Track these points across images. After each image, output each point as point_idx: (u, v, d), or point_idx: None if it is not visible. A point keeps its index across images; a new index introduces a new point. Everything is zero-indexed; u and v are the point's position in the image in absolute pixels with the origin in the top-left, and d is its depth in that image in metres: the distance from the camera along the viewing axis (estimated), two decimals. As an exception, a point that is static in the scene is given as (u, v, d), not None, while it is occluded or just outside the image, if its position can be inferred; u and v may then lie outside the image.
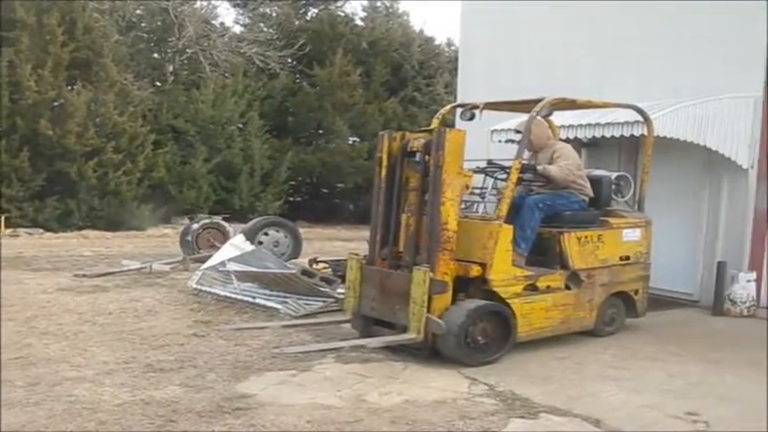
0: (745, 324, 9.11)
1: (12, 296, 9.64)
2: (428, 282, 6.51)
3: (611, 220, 8.12)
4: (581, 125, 9.24)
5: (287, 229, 13.48)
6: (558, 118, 9.52)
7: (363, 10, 29.19)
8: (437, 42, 29.83)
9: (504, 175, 7.77)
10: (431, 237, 6.75)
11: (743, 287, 9.46)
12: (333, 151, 25.59)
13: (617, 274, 8.05)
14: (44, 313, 8.63)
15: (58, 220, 20.00)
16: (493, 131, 10.45)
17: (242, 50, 25.87)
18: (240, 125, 24.38)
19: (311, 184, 27.61)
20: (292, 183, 25.92)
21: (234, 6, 28.57)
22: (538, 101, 7.43)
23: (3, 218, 18.76)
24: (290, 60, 26.79)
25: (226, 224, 14.19)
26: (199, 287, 9.95)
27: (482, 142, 10.33)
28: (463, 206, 11.14)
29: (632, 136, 8.94)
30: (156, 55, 27.03)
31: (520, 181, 7.57)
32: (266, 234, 13.01)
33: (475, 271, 6.92)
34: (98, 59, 21.20)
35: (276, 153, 24.80)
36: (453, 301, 6.81)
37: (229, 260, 9.89)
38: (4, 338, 7.36)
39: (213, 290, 9.76)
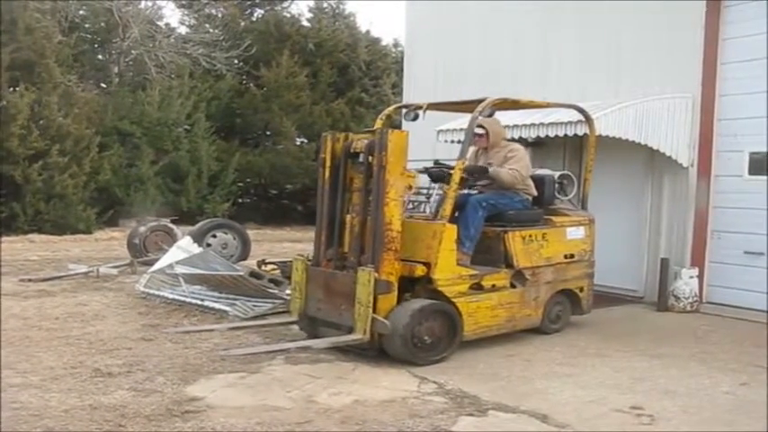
0: (689, 319, 9.32)
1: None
2: (373, 282, 6.52)
3: (555, 219, 8.23)
4: (525, 125, 9.38)
5: (235, 231, 13.44)
6: (503, 118, 9.64)
7: (309, 11, 29.11)
8: (384, 43, 29.88)
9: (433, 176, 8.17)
10: (375, 237, 6.77)
11: (686, 283, 9.67)
12: (280, 152, 25.51)
13: (562, 272, 8.17)
14: (-13, 320, 8.50)
15: (3, 224, 19.66)
16: (439, 132, 10.54)
17: (188, 51, 25.62)
18: (187, 127, 24.16)
19: (259, 186, 27.47)
20: (240, 184, 25.77)
21: (179, 7, 28.31)
22: (480, 101, 7.49)
23: (-56, 223, 18.42)
24: (236, 61, 26.62)
25: (173, 227, 14.09)
26: (147, 290, 9.88)
27: (429, 142, 10.43)
28: (410, 206, 11.28)
29: (576, 135, 9.10)
30: (100, 56, 26.67)
31: (463, 181, 7.61)
32: (214, 236, 12.97)
33: (419, 271, 6.97)
34: (41, 61, 20.84)
35: (224, 155, 24.63)
36: (399, 301, 6.85)
37: (177, 263, 9.84)
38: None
39: (161, 293, 9.70)
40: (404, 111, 8.70)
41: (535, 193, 8.18)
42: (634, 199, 10.32)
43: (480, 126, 7.94)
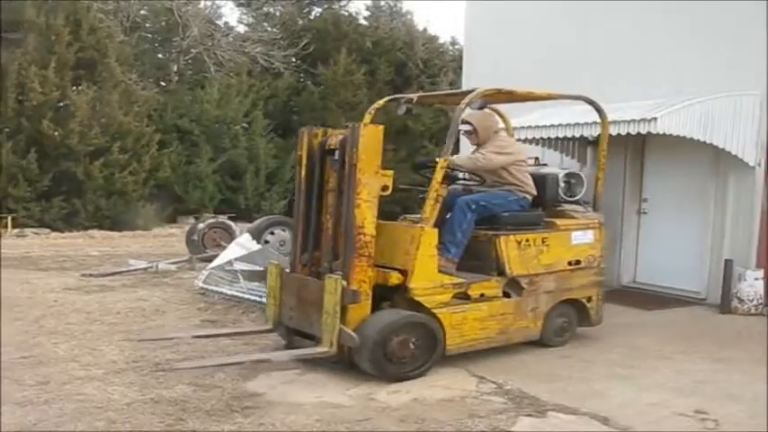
0: (753, 322, 9.07)
1: (19, 296, 9.68)
2: (340, 290, 5.94)
3: (558, 222, 7.51)
4: (587, 123, 9.22)
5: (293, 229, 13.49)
6: (560, 117, 9.50)
7: (367, 9, 29.21)
8: (441, 41, 29.81)
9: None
10: (346, 242, 6.24)
11: (750, 285, 9.43)
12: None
13: (566, 281, 7.43)
14: (52, 312, 8.66)
15: (65, 219, 20.05)
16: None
17: (246, 50, 25.88)
18: (245, 124, 24.39)
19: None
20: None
21: (238, 6, 28.61)
22: (470, 92, 6.95)
23: (10, 218, 18.83)
24: (294, 60, 26.79)
25: (232, 223, 14.21)
26: (205, 286, 9.97)
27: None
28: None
29: (638, 134, 8.93)
30: (160, 55, 27.06)
31: (446, 179, 6.86)
32: (272, 233, 13.02)
33: (394, 279, 6.37)
34: (103, 60, 21.24)
35: (281, 152, 24.81)
36: (376, 311, 6.32)
37: (236, 259, 9.92)
38: (14, 338, 7.41)
39: (220, 289, 9.78)
40: (402, 104, 7.70)
41: (534, 192, 7.50)
42: (697, 199, 10.11)
43: (466, 122, 7.43)
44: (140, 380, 5.98)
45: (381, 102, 7.77)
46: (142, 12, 26.01)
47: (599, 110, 7.93)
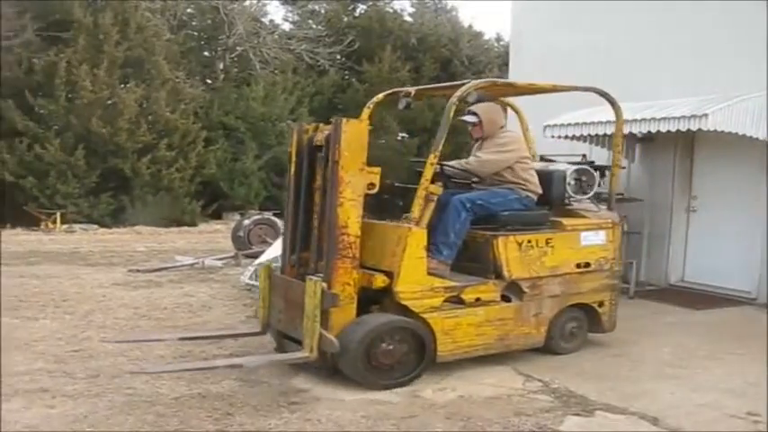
0: (805, 322, 8.93)
1: (68, 291, 9.84)
2: (319, 293, 5.68)
3: (565, 222, 7.05)
4: (635, 120, 9.10)
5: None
6: (607, 113, 9.35)
7: (412, 6, 29.24)
8: (486, 38, 29.72)
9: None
10: (328, 242, 5.94)
11: (802, 285, 9.28)
12: (382, 147, 25.56)
13: (573, 284, 6.96)
14: (101, 308, 8.78)
15: (112, 215, 20.31)
16: (545, 127, 10.35)
17: (291, 47, 26.00)
18: (290, 121, 24.49)
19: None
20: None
21: (283, 4, 28.74)
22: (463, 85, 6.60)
23: (59, 214, 19.11)
24: (338, 57, 26.87)
25: (277, 220, 14.27)
26: (251, 283, 10.00)
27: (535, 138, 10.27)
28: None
29: (689, 131, 8.79)
30: (206, 53, 27.28)
31: (442, 178, 6.67)
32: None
33: (379, 281, 6.04)
34: (150, 58, 21.48)
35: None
36: (362, 314, 6.05)
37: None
38: (64, 332, 7.53)
39: (266, 285, 9.80)
40: (402, 98, 7.50)
41: (539, 190, 7.06)
42: (748, 196, 9.92)
43: (473, 113, 7.01)
44: (188, 374, 6.02)
45: (380, 96, 7.80)
46: (189, 10, 26.23)
47: (612, 102, 7.48)
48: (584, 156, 10.41)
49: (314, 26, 27.62)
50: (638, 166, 10.82)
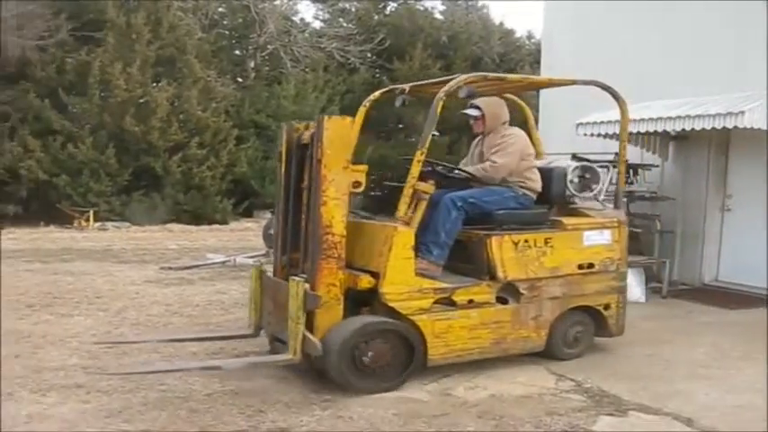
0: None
1: (101, 288, 9.93)
2: (302, 294, 5.50)
3: (566, 221, 6.75)
4: (670, 117, 9.02)
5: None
6: (640, 112, 9.28)
7: (442, 3, 29.18)
8: (517, 35, 29.60)
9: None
10: (312, 242, 5.76)
11: (838, 285, 9.15)
12: (413, 146, 25.55)
13: (576, 286, 6.67)
14: (134, 305, 8.85)
15: (144, 213, 20.46)
16: (578, 125, 10.29)
17: (322, 46, 26.07)
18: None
19: (392, 179, 27.66)
20: (372, 177, 25.97)
21: (314, 2, 28.83)
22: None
23: (91, 212, 19.29)
24: (369, 55, 26.89)
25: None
26: (282, 280, 10.04)
27: (568, 135, 10.22)
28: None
29: (724, 128, 8.70)
30: (237, 51, 27.40)
31: (434, 177, 6.42)
32: (348, 228, 13.05)
33: (365, 282, 5.84)
34: (182, 57, 21.62)
35: (357, 147, 24.83)
36: (353, 316, 5.89)
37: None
38: (98, 328, 7.60)
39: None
40: (397, 95, 7.48)
41: (539, 188, 6.81)
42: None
43: (475, 107, 6.81)
44: (220, 371, 6.04)
45: (377, 93, 7.67)
46: (220, 9, 26.38)
47: (615, 96, 7.10)
48: (616, 154, 10.34)
49: (344, 24, 27.66)
50: (672, 165, 10.73)
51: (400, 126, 26.98)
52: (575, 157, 10.02)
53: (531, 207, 6.73)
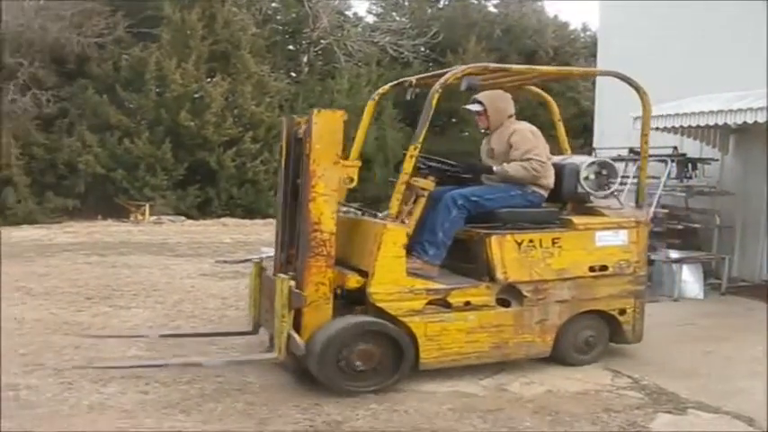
0: None
1: (158, 281, 10.05)
2: (287, 292, 5.38)
3: (576, 220, 6.34)
4: (731, 110, 8.83)
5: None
6: (700, 104, 9.11)
7: (496, -4, 28.98)
8: (572, 28, 29.33)
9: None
10: (301, 239, 5.61)
11: None
12: (465, 140, 25.50)
13: (586, 289, 6.27)
14: (190, 297, 8.94)
15: (199, 207, 20.69)
16: (634, 119, 10.13)
17: (375, 40, 26.09)
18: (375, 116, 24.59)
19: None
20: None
21: (367, -3, 28.89)
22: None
23: (147, 206, 19.55)
24: (422, 49, 26.82)
25: (359, 212, 14.30)
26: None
27: (625, 130, 10.07)
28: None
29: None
30: (291, 47, 27.55)
31: (431, 172, 6.20)
32: (402, 222, 13.03)
33: (352, 282, 5.64)
34: (236, 52, 21.80)
35: (409, 141, 24.84)
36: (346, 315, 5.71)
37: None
38: (156, 320, 7.71)
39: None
40: (406, 87, 6.84)
41: (551, 185, 6.42)
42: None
43: (477, 102, 6.49)
44: (276, 365, 6.07)
45: (387, 87, 7.45)
46: (273, 4, 26.54)
47: (637, 88, 6.74)
48: (674, 148, 10.19)
49: (398, 18, 27.66)
50: (732, 158, 10.51)
51: (453, 120, 26.89)
52: (631, 151, 9.91)
53: (540, 205, 6.40)
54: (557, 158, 6.79)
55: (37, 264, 11.35)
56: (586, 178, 6.51)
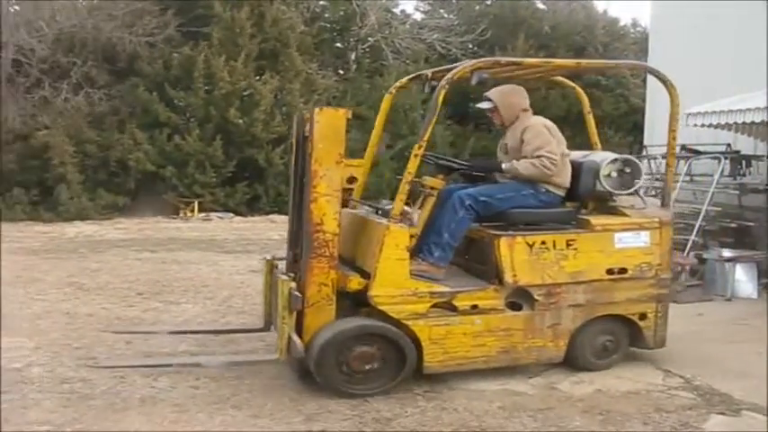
0: None
1: (207, 277, 10.15)
2: (287, 293, 5.30)
3: (595, 221, 6.07)
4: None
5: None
6: (756, 100, 8.94)
7: (545, -8, 28.74)
8: (622, 23, 28.94)
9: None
10: (304, 239, 5.53)
11: None
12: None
13: (603, 293, 6.03)
14: (239, 293, 9.00)
15: (247, 204, 20.83)
16: (688, 115, 9.99)
17: (423, 37, 26.00)
18: (422, 112, 24.52)
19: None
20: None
21: (414, -7, 28.83)
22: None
23: (196, 202, 19.73)
24: (470, 46, 26.68)
25: (409, 209, 14.28)
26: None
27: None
28: (653, 193, 10.77)
29: None
30: (338, 44, 27.57)
31: (441, 170, 6.05)
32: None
33: (354, 284, 5.52)
34: (285, 50, 21.90)
35: (458, 139, 24.78)
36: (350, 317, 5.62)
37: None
38: (205, 316, 7.80)
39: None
40: (424, 80, 6.52)
41: (567, 184, 6.18)
42: None
43: (487, 98, 6.30)
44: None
45: (404, 80, 7.33)
46: (321, 2, 26.59)
47: (664, 81, 6.37)
48: (728, 145, 10.05)
49: (445, 15, 27.55)
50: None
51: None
52: (684, 148, 9.78)
53: (554, 205, 6.15)
54: (577, 154, 6.53)
55: (89, 259, 11.53)
56: (608, 176, 6.21)
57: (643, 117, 14.06)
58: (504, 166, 6.12)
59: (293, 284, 5.35)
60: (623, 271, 6.04)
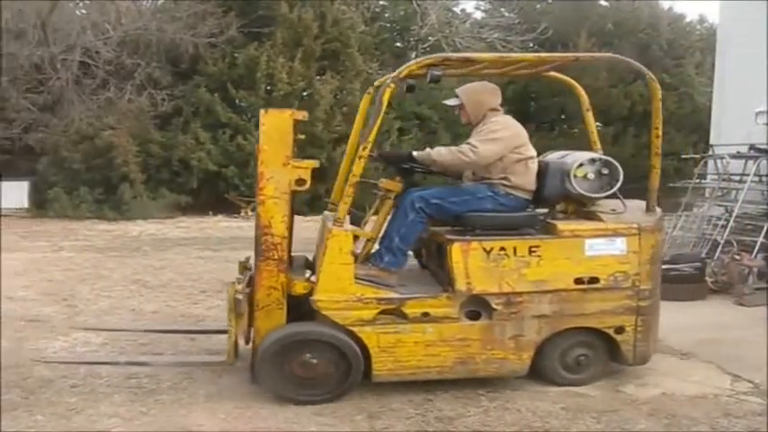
0: None
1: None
2: (233, 297, 5.26)
3: (562, 226, 5.65)
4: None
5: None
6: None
7: (608, -10, 28.39)
8: (687, 20, 28.41)
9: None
10: (256, 243, 5.40)
11: None
12: (576, 137, 25.04)
13: (572, 304, 5.57)
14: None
15: (308, 204, 20.97)
16: (757, 113, 9.77)
17: (483, 36, 25.91)
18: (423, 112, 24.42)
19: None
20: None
21: (475, -8, 28.75)
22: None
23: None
24: (531, 45, 26.49)
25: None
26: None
27: (746, 125, 9.74)
28: (719, 194, 10.58)
29: None
30: (398, 44, 27.62)
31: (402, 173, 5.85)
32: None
33: (299, 288, 5.39)
34: (345, 50, 22.00)
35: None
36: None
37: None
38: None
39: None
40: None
41: (531, 186, 5.82)
42: None
43: (456, 96, 6.04)
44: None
45: (383, 79, 6.93)
46: (382, 2, 26.67)
47: (643, 74, 5.84)
48: (751, 146, 9.78)
49: (506, 14, 27.41)
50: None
51: (563, 116, 26.50)
52: (752, 148, 9.59)
53: (517, 209, 5.77)
54: (555, 155, 6.31)
55: (152, 257, 11.73)
56: (584, 177, 5.81)
57: (707, 116, 13.78)
58: (415, 153, 5.85)
59: (239, 287, 5.31)
60: (594, 280, 5.60)
